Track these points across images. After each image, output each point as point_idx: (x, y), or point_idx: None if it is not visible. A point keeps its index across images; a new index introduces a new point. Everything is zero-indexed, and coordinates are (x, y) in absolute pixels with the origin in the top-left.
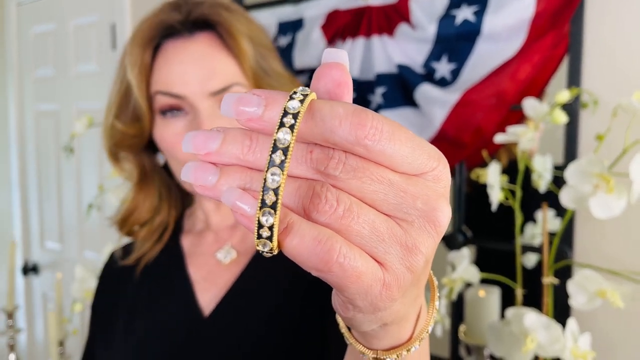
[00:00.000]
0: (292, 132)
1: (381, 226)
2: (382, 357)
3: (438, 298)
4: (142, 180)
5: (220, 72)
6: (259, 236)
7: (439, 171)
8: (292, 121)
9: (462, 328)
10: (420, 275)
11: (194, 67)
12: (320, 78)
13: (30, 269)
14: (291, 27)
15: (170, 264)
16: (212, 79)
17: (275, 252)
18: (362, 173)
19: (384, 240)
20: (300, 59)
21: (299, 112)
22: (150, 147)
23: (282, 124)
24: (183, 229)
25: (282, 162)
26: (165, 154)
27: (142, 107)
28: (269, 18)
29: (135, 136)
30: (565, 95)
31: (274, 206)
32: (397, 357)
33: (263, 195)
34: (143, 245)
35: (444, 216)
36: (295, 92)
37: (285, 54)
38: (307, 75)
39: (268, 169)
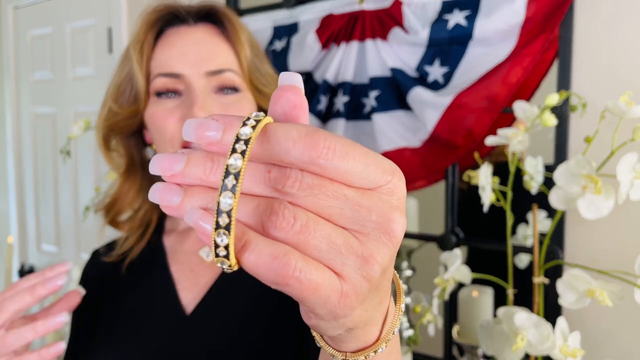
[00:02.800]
0: (244, 157)
1: (338, 239)
2: (350, 359)
3: (404, 301)
4: (128, 170)
5: (218, 56)
6: (217, 254)
7: (393, 184)
8: (244, 147)
9: (455, 328)
10: (378, 282)
11: (193, 49)
12: (276, 101)
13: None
14: (286, 31)
15: (153, 263)
16: (210, 61)
17: (235, 268)
18: (318, 190)
19: (341, 252)
20: (295, 63)
21: (250, 138)
22: (141, 140)
23: (234, 150)
24: (165, 228)
25: (234, 186)
26: (154, 131)
27: (140, 84)
28: (265, 22)
29: (130, 117)
30: (554, 98)
31: (227, 227)
32: (365, 358)
33: (217, 218)
34: (126, 241)
35: (399, 227)
36: (248, 118)
37: (281, 57)
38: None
39: (221, 192)
